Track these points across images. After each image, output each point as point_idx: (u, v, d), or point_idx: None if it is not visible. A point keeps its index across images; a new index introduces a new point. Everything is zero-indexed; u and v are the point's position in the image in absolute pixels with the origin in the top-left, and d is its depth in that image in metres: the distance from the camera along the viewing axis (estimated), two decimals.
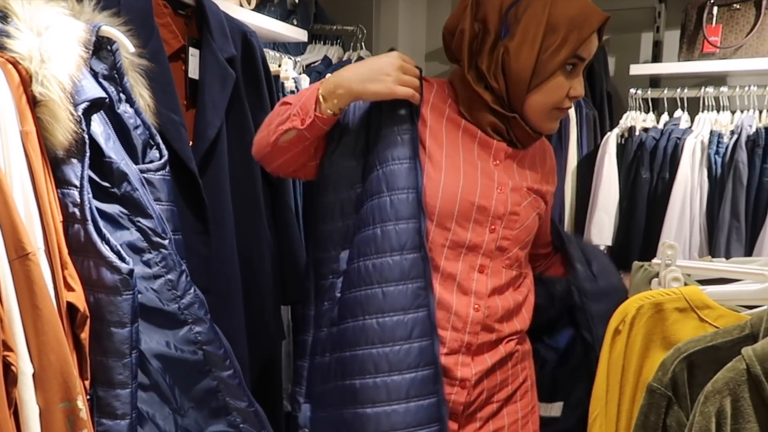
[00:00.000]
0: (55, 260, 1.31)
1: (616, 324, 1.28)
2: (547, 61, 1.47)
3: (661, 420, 1.10)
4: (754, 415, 1.02)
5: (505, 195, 1.58)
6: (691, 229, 2.59)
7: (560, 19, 1.46)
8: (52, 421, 1.26)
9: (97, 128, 1.43)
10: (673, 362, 1.09)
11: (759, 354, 1.02)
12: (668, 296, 1.26)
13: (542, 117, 1.56)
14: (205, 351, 1.58)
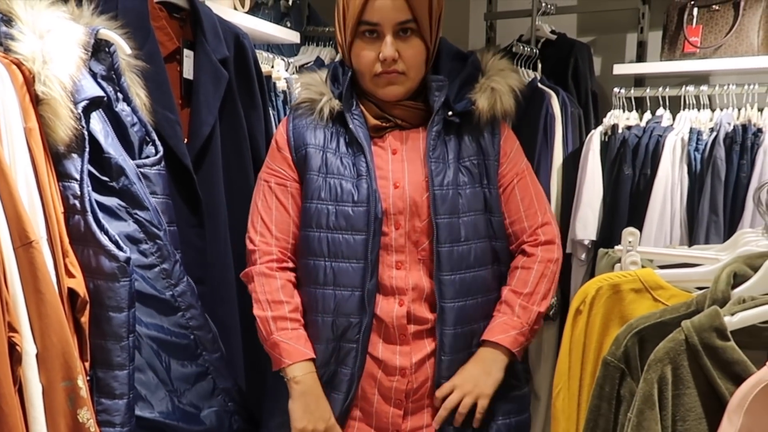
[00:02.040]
0: (57, 248, 1.39)
1: (577, 304, 1.37)
2: (345, 34, 1.66)
3: (615, 390, 1.19)
4: (692, 382, 1.11)
5: (402, 190, 1.67)
6: (672, 223, 2.66)
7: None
8: (54, 398, 1.35)
9: (96, 125, 1.51)
10: (626, 337, 1.18)
11: (696, 326, 1.11)
12: (625, 278, 1.35)
13: (372, 87, 1.68)
14: (196, 335, 1.68)
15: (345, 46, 1.69)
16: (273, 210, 1.72)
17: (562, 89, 3.00)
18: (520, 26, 3.29)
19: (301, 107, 1.75)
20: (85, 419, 1.38)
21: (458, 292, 1.65)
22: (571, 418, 1.37)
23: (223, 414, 1.75)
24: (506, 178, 1.75)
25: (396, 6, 1.60)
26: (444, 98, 1.68)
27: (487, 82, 1.72)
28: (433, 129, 1.68)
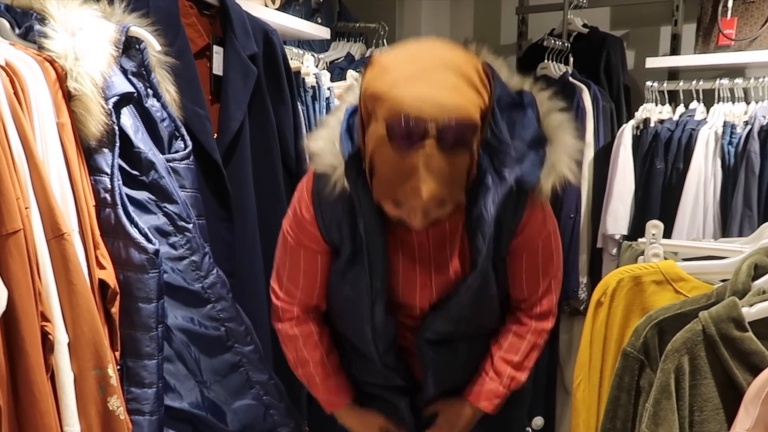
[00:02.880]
0: (88, 241, 1.43)
1: (598, 296, 1.37)
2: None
3: (634, 381, 1.19)
4: (710, 372, 1.10)
5: (429, 290, 1.58)
6: (705, 217, 2.63)
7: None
8: (85, 386, 1.39)
9: (126, 121, 1.55)
10: (645, 328, 1.18)
11: (714, 316, 1.10)
12: (646, 270, 1.34)
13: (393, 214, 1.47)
14: (227, 327, 1.70)
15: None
16: (300, 274, 1.63)
17: (593, 83, 2.98)
18: (552, 20, 3.27)
19: (320, 180, 1.51)
20: (115, 407, 1.42)
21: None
22: (591, 409, 1.37)
23: (258, 407, 1.77)
24: (516, 246, 1.57)
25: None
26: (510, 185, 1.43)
27: (552, 158, 1.45)
28: (493, 208, 1.43)
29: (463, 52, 1.32)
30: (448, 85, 1.25)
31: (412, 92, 1.24)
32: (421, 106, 1.23)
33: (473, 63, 1.29)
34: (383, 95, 1.27)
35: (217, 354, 1.70)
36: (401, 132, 1.26)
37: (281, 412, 1.79)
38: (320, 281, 1.64)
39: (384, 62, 1.29)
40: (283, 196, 2.09)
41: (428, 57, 1.28)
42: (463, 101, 1.25)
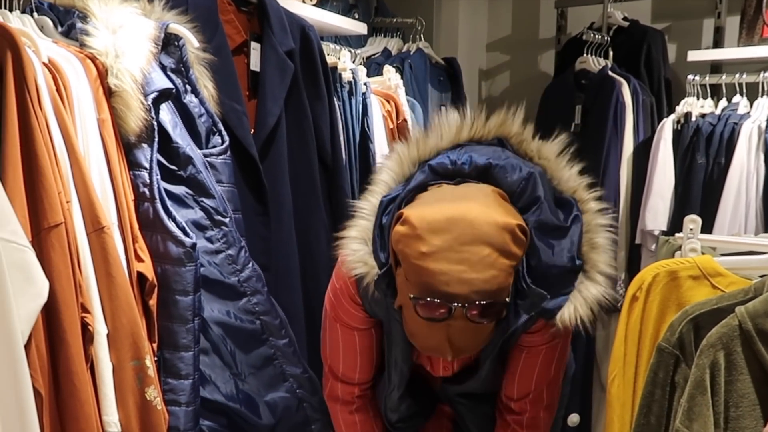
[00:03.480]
0: (127, 234, 1.46)
1: (633, 291, 1.36)
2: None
3: (669, 377, 1.18)
4: (746, 368, 1.09)
5: (451, 369, 1.63)
6: (747, 213, 2.58)
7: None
8: (123, 376, 1.42)
9: (165, 116, 1.58)
10: (681, 323, 1.17)
11: (751, 311, 1.09)
12: (683, 265, 1.33)
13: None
14: (262, 320, 1.72)
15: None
16: (357, 357, 1.64)
17: (633, 77, 2.94)
18: (592, 13, 3.23)
19: (360, 279, 1.47)
20: (153, 397, 1.45)
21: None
22: (626, 404, 1.36)
23: (292, 400, 1.79)
24: (520, 342, 1.55)
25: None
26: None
27: (577, 299, 1.38)
28: (499, 341, 1.47)
29: (501, 209, 1.29)
30: (479, 260, 1.23)
31: (442, 269, 1.23)
32: (449, 286, 1.23)
33: (510, 225, 1.26)
34: (411, 263, 1.26)
35: (252, 347, 1.72)
36: (426, 309, 1.27)
37: (314, 406, 1.81)
38: (362, 362, 1.65)
39: (416, 224, 1.26)
40: (319, 190, 2.11)
41: (463, 225, 1.24)
42: (494, 276, 1.24)
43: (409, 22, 3.01)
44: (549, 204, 1.39)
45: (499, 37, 3.66)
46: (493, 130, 1.47)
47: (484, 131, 1.48)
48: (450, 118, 1.49)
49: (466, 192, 1.34)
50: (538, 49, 3.59)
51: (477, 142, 1.47)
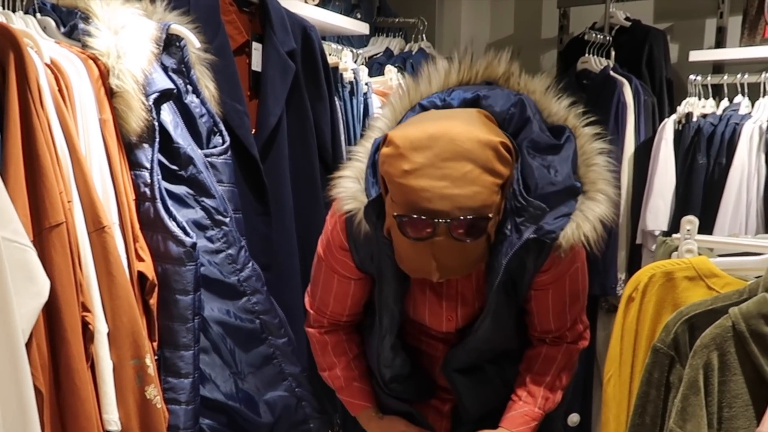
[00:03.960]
0: (128, 234, 1.48)
1: (629, 291, 1.36)
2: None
3: (664, 377, 1.19)
4: (739, 368, 1.09)
5: (455, 321, 1.61)
6: (748, 213, 2.59)
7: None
8: (123, 375, 1.43)
9: (166, 117, 1.59)
10: (676, 324, 1.17)
11: (744, 312, 1.09)
12: (678, 265, 1.34)
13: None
14: (261, 320, 1.74)
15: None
16: (332, 296, 1.66)
17: (635, 77, 2.95)
18: (594, 13, 3.24)
19: (350, 218, 1.48)
20: (153, 396, 1.46)
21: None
22: (621, 404, 1.37)
23: (290, 399, 1.80)
24: (542, 283, 1.53)
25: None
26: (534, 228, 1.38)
27: (578, 216, 1.39)
28: (504, 262, 1.40)
29: (484, 128, 1.31)
30: (461, 176, 1.25)
31: (423, 185, 1.25)
32: (431, 202, 1.25)
33: (492, 142, 1.28)
34: (395, 182, 1.29)
35: (251, 346, 1.73)
36: (411, 227, 1.30)
37: (313, 405, 1.82)
38: (352, 303, 1.67)
39: (398, 143, 1.29)
40: (320, 190, 2.11)
41: (444, 141, 1.26)
42: (477, 192, 1.26)
43: (412, 22, 3.02)
44: (540, 125, 1.42)
45: (502, 36, 3.66)
46: (480, 72, 1.51)
47: (472, 73, 1.51)
48: (438, 65, 1.52)
49: (451, 113, 1.38)
50: (540, 48, 3.59)
51: (466, 84, 1.51)
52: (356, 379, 1.72)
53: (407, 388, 1.70)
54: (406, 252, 1.36)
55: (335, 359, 1.72)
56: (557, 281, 1.52)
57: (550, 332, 1.61)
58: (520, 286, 1.52)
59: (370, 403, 1.72)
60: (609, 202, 1.41)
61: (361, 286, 1.64)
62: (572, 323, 1.60)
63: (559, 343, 1.61)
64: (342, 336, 1.73)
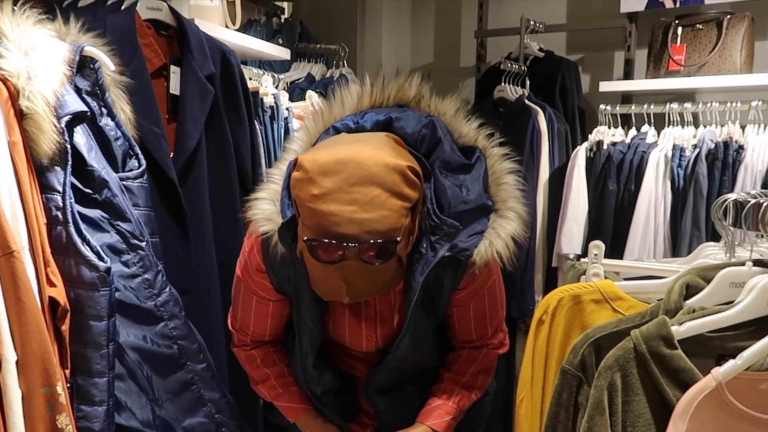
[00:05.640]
0: (39, 258, 1.43)
1: (539, 315, 1.41)
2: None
3: (573, 398, 1.22)
4: (641, 389, 1.14)
5: (375, 341, 1.63)
6: (656, 238, 2.70)
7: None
8: (33, 404, 1.38)
9: (80, 139, 1.56)
10: (582, 346, 1.21)
11: (645, 334, 1.14)
12: (585, 289, 1.39)
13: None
14: (180, 345, 1.70)
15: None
16: (251, 317, 1.67)
17: (549, 106, 3.05)
18: (510, 43, 3.34)
19: (266, 240, 1.49)
20: (64, 425, 1.41)
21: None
22: (534, 425, 1.40)
23: (210, 425, 1.77)
24: (462, 299, 1.57)
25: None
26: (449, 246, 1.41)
27: (491, 234, 1.43)
28: (420, 279, 1.43)
29: (392, 152, 1.34)
30: (369, 200, 1.28)
31: (332, 210, 1.28)
32: (340, 227, 1.28)
33: (400, 166, 1.31)
34: (305, 206, 1.31)
35: (169, 372, 1.69)
36: (321, 251, 1.32)
37: (233, 430, 1.79)
38: (272, 324, 1.68)
39: (308, 167, 1.31)
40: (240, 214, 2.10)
41: (352, 166, 1.29)
42: (385, 216, 1.29)
43: (333, 49, 3.05)
44: (451, 145, 1.46)
45: (422, 64, 3.74)
46: (392, 95, 1.55)
47: (384, 96, 1.55)
48: (351, 88, 1.56)
49: (360, 137, 1.40)
50: (459, 76, 3.68)
51: (378, 107, 1.54)
52: (292, 384, 1.72)
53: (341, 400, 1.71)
54: (317, 275, 1.38)
55: (267, 370, 1.72)
56: (476, 296, 1.56)
57: (471, 342, 1.65)
58: (438, 304, 1.55)
59: (309, 405, 1.72)
60: (519, 219, 1.46)
61: (281, 307, 1.64)
62: (493, 332, 1.65)
63: (480, 348, 1.66)
64: (269, 348, 1.73)
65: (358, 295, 1.38)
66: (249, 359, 1.73)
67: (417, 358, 1.62)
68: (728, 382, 1.11)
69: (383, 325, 1.59)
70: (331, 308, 1.58)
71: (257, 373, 1.73)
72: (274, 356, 1.73)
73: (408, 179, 1.32)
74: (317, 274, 1.38)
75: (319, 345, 1.61)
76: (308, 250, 1.34)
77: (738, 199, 1.33)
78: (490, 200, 1.45)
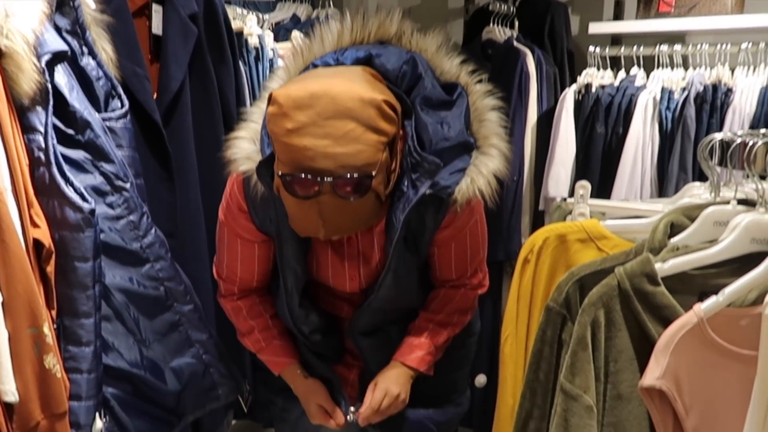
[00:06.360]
0: (22, 200, 1.42)
1: (525, 254, 1.42)
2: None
3: (556, 335, 1.25)
4: (624, 325, 1.16)
5: (358, 281, 1.64)
6: (642, 181, 2.70)
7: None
8: (20, 345, 1.39)
9: (61, 79, 1.53)
10: (567, 284, 1.23)
11: (629, 272, 1.16)
12: (571, 228, 1.40)
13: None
14: (166, 287, 1.71)
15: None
16: (238, 261, 1.67)
17: (538, 48, 3.01)
18: None
19: (247, 180, 1.51)
20: (51, 365, 1.42)
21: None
22: (518, 362, 1.42)
23: (198, 366, 1.79)
24: (444, 238, 1.58)
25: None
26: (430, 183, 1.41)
27: (473, 171, 1.43)
28: (402, 218, 1.44)
29: (367, 85, 1.32)
30: (343, 135, 1.27)
31: (306, 144, 1.27)
32: (315, 161, 1.27)
33: (375, 100, 1.30)
34: (279, 141, 1.30)
35: (156, 313, 1.70)
36: (297, 186, 1.31)
37: (221, 371, 1.81)
38: (259, 267, 1.68)
39: (282, 102, 1.29)
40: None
41: (325, 100, 1.27)
42: (360, 151, 1.28)
43: None
44: (432, 82, 1.45)
45: (409, 5, 3.68)
46: (373, 32, 1.53)
47: (365, 33, 1.53)
48: (331, 25, 1.54)
49: (335, 71, 1.39)
50: (446, 18, 3.62)
51: (359, 44, 1.53)
52: (276, 337, 1.73)
53: (329, 340, 1.73)
54: (294, 210, 1.38)
55: (252, 322, 1.73)
56: (458, 236, 1.56)
57: (450, 281, 1.67)
58: (421, 244, 1.55)
59: (293, 359, 1.73)
60: (502, 157, 1.46)
61: (266, 249, 1.64)
62: (473, 272, 1.66)
63: (458, 288, 1.67)
64: (255, 299, 1.74)
65: (334, 231, 1.38)
66: (235, 310, 1.74)
67: (400, 298, 1.64)
68: (710, 318, 1.12)
69: (366, 265, 1.59)
70: (313, 248, 1.58)
71: (243, 324, 1.74)
72: (259, 307, 1.74)
73: (384, 113, 1.31)
74: (294, 210, 1.38)
75: (303, 285, 1.62)
76: (284, 186, 1.34)
77: (724, 138, 1.33)
78: (472, 137, 1.45)
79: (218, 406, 1.86)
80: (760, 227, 1.18)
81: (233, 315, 1.75)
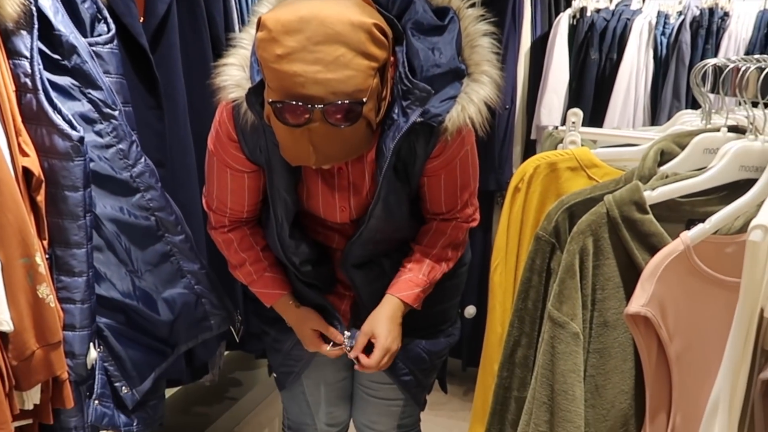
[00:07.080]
0: (9, 127, 1.40)
1: (515, 182, 1.42)
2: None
3: (545, 263, 1.26)
4: (612, 253, 1.17)
5: (348, 212, 1.64)
6: (635, 109, 2.69)
7: None
8: (13, 274, 1.39)
9: (45, 2, 1.49)
10: (557, 213, 1.23)
11: (617, 199, 1.16)
12: (561, 156, 1.40)
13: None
14: (157, 217, 1.71)
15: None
16: (227, 192, 1.67)
17: None
18: None
19: (237, 107, 1.50)
20: (45, 294, 1.43)
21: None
22: (507, 291, 1.44)
23: (190, 296, 1.80)
24: (434, 168, 1.57)
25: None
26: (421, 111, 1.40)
27: (463, 99, 1.42)
28: (392, 146, 1.43)
29: (356, 9, 1.29)
30: (333, 60, 1.24)
31: (296, 70, 1.24)
32: (305, 88, 1.25)
33: (365, 24, 1.27)
34: (269, 67, 1.27)
35: (147, 243, 1.70)
36: (287, 113, 1.29)
37: (213, 302, 1.82)
38: (249, 198, 1.67)
39: (271, 27, 1.27)
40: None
41: (315, 24, 1.25)
42: (351, 77, 1.26)
43: None
44: (423, 6, 1.43)
45: None
46: None
47: None
48: None
49: (321, 5, 1.34)
50: None
51: None
52: (267, 269, 1.74)
53: (320, 270, 1.73)
54: (284, 139, 1.36)
55: (243, 254, 1.74)
56: (448, 166, 1.56)
57: (441, 214, 1.67)
58: (412, 173, 1.55)
59: (284, 290, 1.75)
60: (493, 84, 1.44)
61: (256, 179, 1.64)
62: (463, 205, 1.65)
63: (449, 221, 1.67)
64: (246, 231, 1.74)
65: (325, 160, 1.37)
66: (226, 243, 1.74)
67: (390, 228, 1.64)
68: (696, 246, 1.14)
69: (356, 195, 1.59)
70: (303, 177, 1.58)
71: (234, 257, 1.75)
72: (250, 240, 1.74)
73: (374, 38, 1.28)
74: (284, 139, 1.37)
75: (294, 215, 1.62)
76: (274, 113, 1.32)
77: (717, 63, 1.32)
78: (463, 64, 1.43)
79: (210, 336, 1.88)
80: (749, 154, 1.18)
81: (224, 247, 1.76)
